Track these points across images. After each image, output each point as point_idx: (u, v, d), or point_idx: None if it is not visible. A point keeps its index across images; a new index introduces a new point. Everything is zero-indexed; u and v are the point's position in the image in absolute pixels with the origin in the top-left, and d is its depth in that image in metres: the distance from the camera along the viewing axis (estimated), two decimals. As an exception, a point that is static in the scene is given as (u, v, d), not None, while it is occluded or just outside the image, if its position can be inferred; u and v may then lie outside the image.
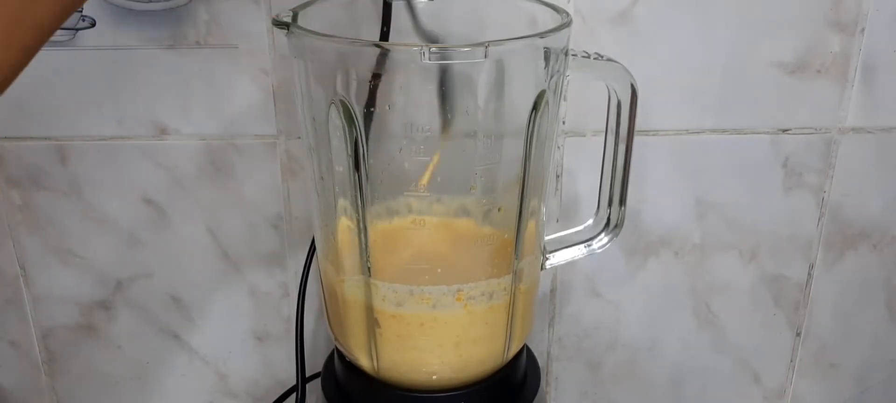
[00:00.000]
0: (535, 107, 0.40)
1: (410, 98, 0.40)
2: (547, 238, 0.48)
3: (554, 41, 0.40)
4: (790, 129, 0.59)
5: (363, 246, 0.41)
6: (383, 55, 0.38)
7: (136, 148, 0.57)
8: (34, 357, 0.65)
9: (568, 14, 0.41)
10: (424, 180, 0.41)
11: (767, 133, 0.59)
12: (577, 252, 0.48)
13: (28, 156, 0.57)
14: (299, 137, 0.56)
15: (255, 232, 0.60)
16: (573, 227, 0.48)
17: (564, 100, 0.57)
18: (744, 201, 0.61)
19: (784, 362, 0.68)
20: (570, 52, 0.41)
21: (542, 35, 0.39)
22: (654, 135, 0.58)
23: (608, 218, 0.47)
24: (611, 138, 0.45)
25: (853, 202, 0.61)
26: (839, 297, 0.65)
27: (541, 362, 0.65)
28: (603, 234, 0.47)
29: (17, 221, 0.60)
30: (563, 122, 0.57)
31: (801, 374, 0.68)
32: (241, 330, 0.64)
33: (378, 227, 0.45)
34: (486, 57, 0.37)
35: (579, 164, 0.59)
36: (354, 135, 0.39)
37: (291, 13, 0.40)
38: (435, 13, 0.49)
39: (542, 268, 0.47)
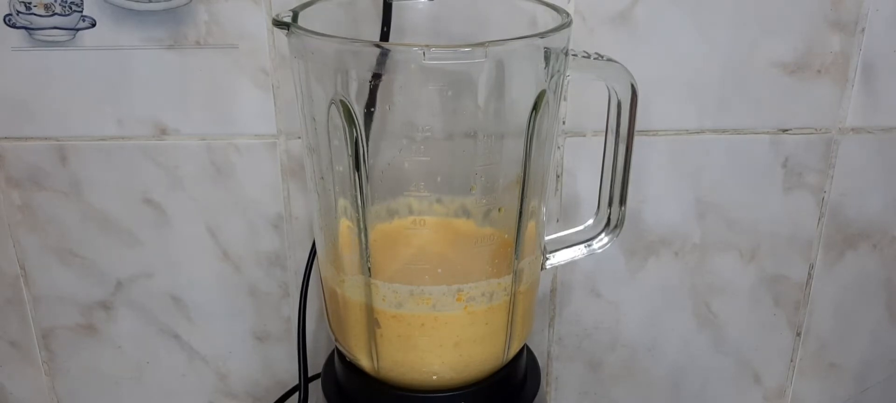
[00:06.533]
0: (536, 107, 0.40)
1: (410, 98, 0.40)
2: (547, 238, 0.48)
3: (554, 41, 0.40)
4: (790, 129, 0.59)
5: (363, 246, 0.41)
6: (383, 55, 0.38)
7: (136, 148, 0.57)
8: (34, 357, 0.65)
9: (568, 14, 0.41)
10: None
11: (767, 133, 0.59)
12: (577, 252, 0.48)
13: (28, 156, 0.57)
14: (299, 137, 0.56)
15: (255, 232, 0.60)
16: (573, 227, 0.48)
17: (564, 100, 0.57)
18: (744, 201, 0.61)
19: (784, 362, 0.68)
20: (570, 52, 0.41)
21: (542, 35, 0.39)
22: (654, 135, 0.58)
23: (608, 218, 0.47)
24: (611, 138, 0.45)
25: (853, 202, 0.61)
26: (839, 297, 0.65)
27: (541, 362, 0.65)
28: (603, 234, 0.47)
29: (17, 221, 0.60)
30: (563, 122, 0.57)
31: (801, 374, 0.68)
32: (241, 330, 0.64)
33: (378, 227, 0.45)
34: (486, 57, 0.37)
35: (579, 164, 0.59)
36: (354, 135, 0.39)
37: (291, 13, 0.40)
38: (435, 13, 0.49)
39: (542, 268, 0.47)
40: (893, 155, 0.60)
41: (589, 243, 0.48)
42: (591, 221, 0.48)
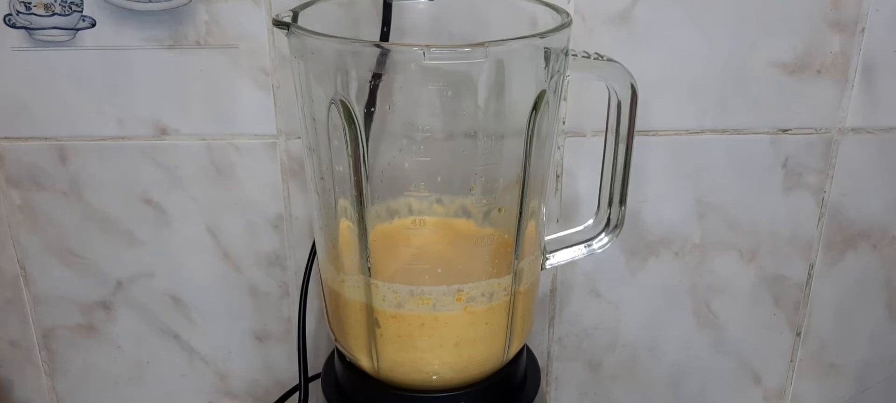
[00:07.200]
0: (536, 107, 0.40)
1: (410, 98, 0.40)
2: (547, 238, 0.48)
3: (554, 41, 0.40)
4: (790, 129, 0.59)
5: (363, 246, 0.41)
6: (383, 55, 0.38)
7: (136, 148, 0.57)
8: (34, 357, 0.65)
9: (568, 14, 0.41)
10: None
11: (767, 133, 0.59)
12: (577, 252, 0.48)
13: (28, 156, 0.57)
14: (299, 137, 0.56)
15: (255, 232, 0.60)
16: (573, 227, 0.48)
17: (564, 100, 0.57)
18: (744, 201, 0.61)
19: (784, 362, 0.68)
20: (570, 52, 0.41)
21: (542, 35, 0.39)
22: (654, 135, 0.58)
23: (608, 218, 0.47)
24: (611, 138, 0.45)
25: (853, 202, 0.61)
26: (839, 297, 0.65)
27: (541, 362, 0.65)
28: (603, 234, 0.47)
29: (17, 221, 0.60)
30: (563, 122, 0.57)
31: (801, 374, 0.68)
32: (241, 330, 0.64)
33: (378, 227, 0.45)
34: (486, 57, 0.37)
35: (579, 164, 0.59)
36: (354, 135, 0.39)
37: (291, 13, 0.40)
38: (435, 13, 0.49)
39: (542, 268, 0.47)
40: (893, 155, 0.60)
41: (589, 243, 0.48)
42: (591, 221, 0.48)
